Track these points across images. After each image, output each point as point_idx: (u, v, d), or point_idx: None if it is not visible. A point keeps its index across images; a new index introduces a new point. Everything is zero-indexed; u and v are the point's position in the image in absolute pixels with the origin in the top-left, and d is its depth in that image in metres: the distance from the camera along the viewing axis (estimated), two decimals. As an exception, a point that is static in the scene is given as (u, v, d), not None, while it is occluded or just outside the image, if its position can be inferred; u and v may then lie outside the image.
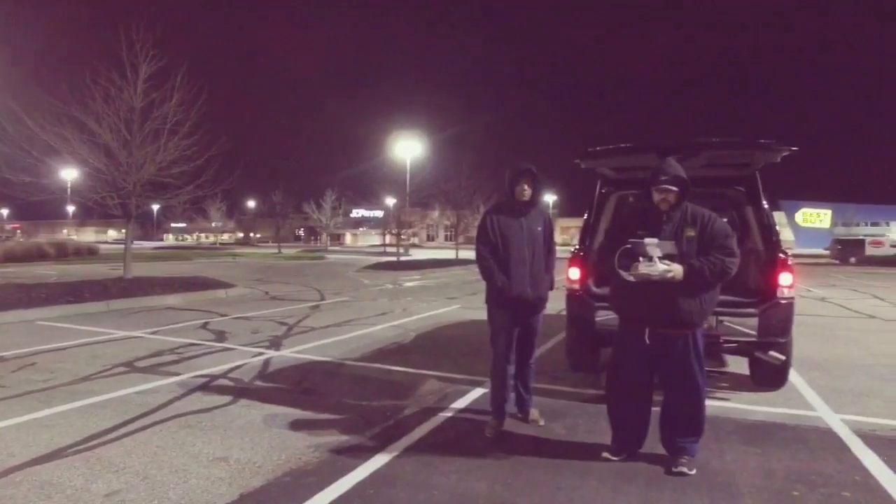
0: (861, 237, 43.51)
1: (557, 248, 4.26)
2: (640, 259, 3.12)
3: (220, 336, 7.48)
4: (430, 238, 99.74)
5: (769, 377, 4.81)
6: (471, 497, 2.88)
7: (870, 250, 38.50)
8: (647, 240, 3.13)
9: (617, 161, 5.18)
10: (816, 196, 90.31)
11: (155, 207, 51.99)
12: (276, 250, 40.93)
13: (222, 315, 9.44)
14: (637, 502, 2.83)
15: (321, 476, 3.09)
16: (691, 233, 3.18)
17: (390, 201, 47.70)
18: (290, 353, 6.39)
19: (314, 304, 11.32)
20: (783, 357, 4.46)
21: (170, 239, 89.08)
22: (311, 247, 57.64)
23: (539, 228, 3.93)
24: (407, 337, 7.66)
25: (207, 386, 4.98)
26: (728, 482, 3.07)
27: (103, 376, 5.29)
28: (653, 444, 3.39)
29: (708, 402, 3.45)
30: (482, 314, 4.28)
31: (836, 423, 4.12)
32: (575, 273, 4.90)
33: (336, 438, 3.66)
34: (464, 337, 7.75)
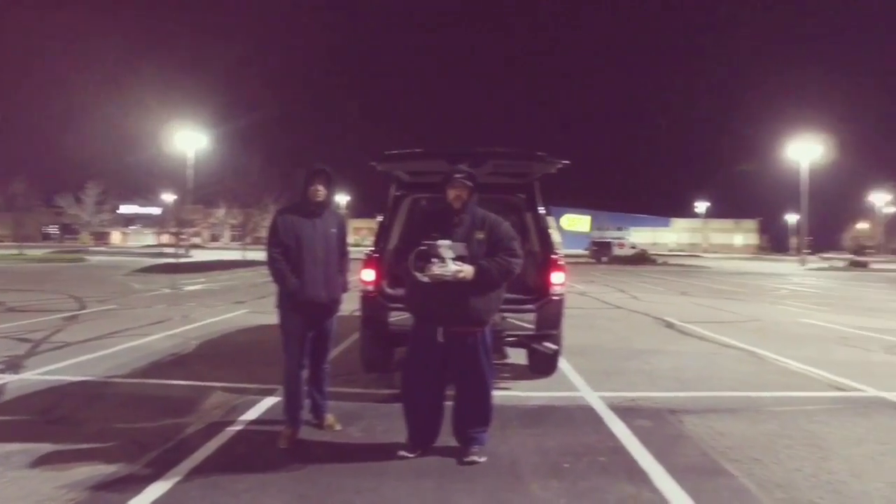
0: (609, 240, 51.60)
1: (349, 248, 4.23)
2: (434, 260, 3.24)
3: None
4: (214, 238, 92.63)
5: (544, 365, 5.39)
6: (265, 515, 2.70)
7: (616, 251, 45.87)
8: (440, 241, 3.26)
9: (411, 165, 5.33)
10: (578, 203, 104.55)
11: None
12: (16, 251, 34.13)
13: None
14: (434, 495, 2.93)
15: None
16: (480, 235, 3.40)
17: (169, 197, 43.10)
18: (35, 376, 5.33)
19: (70, 314, 9.67)
20: (556, 347, 5.04)
21: None
22: (68, 247, 49.28)
23: (333, 230, 3.86)
24: (188, 347, 6.95)
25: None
26: (513, 465, 3.35)
27: None
28: (445, 437, 3.54)
29: (493, 393, 3.72)
30: (271, 319, 4.08)
31: (594, 399, 4.76)
32: (369, 274, 4.92)
33: (99, 473, 3.13)
34: (252, 343, 7.29)
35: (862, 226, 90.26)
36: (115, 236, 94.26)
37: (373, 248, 5.25)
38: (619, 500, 2.89)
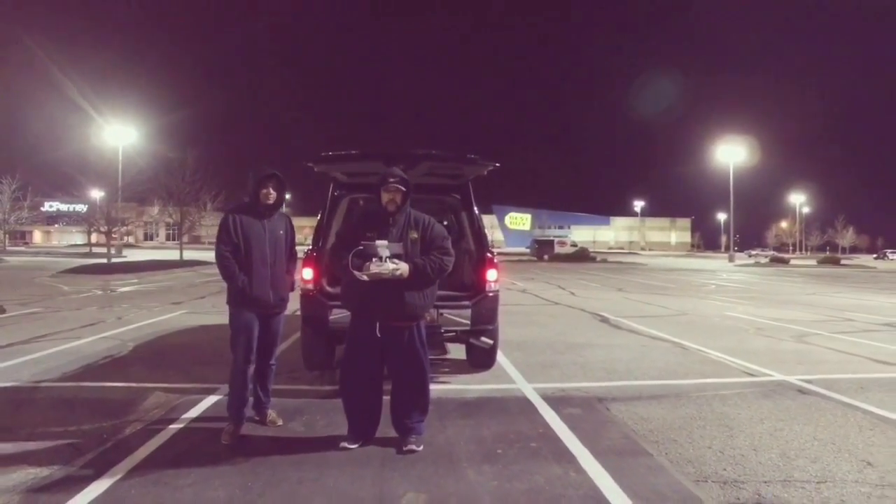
0: (552, 238, 52.88)
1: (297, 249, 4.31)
2: (372, 259, 3.38)
3: None
4: (148, 237, 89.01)
5: (482, 359, 5.61)
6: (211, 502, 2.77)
7: (558, 249, 47.10)
8: (377, 242, 3.41)
9: (347, 166, 5.44)
10: (521, 202, 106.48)
11: None
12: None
13: None
14: (373, 483, 3.07)
15: (15, 519, 2.61)
16: (414, 235, 3.57)
17: (97, 194, 40.65)
18: (-42, 381, 5.13)
19: (-8, 318, 9.20)
20: (491, 341, 5.26)
21: None
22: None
23: (281, 232, 3.95)
24: (124, 349, 6.79)
25: None
26: (449, 452, 3.53)
27: None
28: (384, 428, 3.69)
29: (432, 386, 3.89)
30: (211, 319, 4.15)
31: (529, 391, 5.01)
32: (308, 273, 4.99)
33: (33, 476, 3.09)
34: (192, 344, 7.20)
35: (784, 224, 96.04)
36: (37, 235, 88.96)
37: (312, 247, 5.33)
38: (548, 481, 3.12)
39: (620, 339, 7.96)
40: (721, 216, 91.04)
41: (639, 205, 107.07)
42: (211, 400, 4.53)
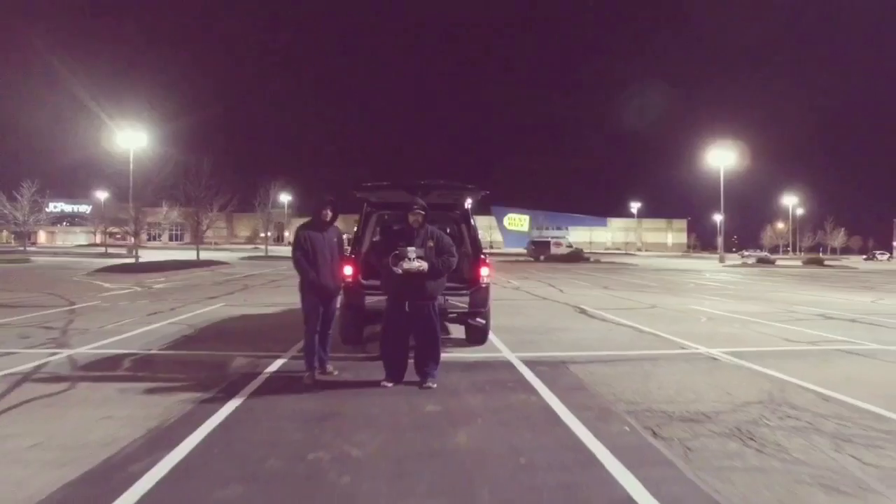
0: (548, 239, 54.66)
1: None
2: (404, 259, 5.16)
3: (-11, 342, 7.38)
4: (151, 238, 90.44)
5: (477, 337, 7.39)
6: (310, 410, 4.54)
7: (553, 249, 48.86)
8: (408, 248, 5.19)
9: (379, 194, 7.24)
10: (520, 204, 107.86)
11: None
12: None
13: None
14: (406, 402, 4.83)
15: (198, 416, 4.37)
16: (431, 244, 5.35)
17: (101, 195, 41.70)
18: (89, 350, 6.91)
19: (67, 308, 10.98)
20: (484, 321, 7.05)
21: None
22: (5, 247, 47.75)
23: (335, 240, 5.73)
24: (192, 330, 8.56)
25: (30, 379, 5.50)
26: (453, 388, 5.30)
27: None
28: (409, 376, 5.46)
29: (442, 355, 5.66)
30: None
31: (513, 358, 6.78)
32: (348, 270, 6.75)
33: (190, 397, 4.86)
34: (243, 328, 8.97)
35: (780, 225, 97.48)
36: (42, 236, 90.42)
37: (350, 251, 7.10)
38: (517, 400, 4.88)
39: (592, 326, 9.74)
40: (717, 217, 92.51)
41: (635, 206, 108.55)
42: (280, 362, 6.31)
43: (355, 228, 7.52)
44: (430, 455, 3.69)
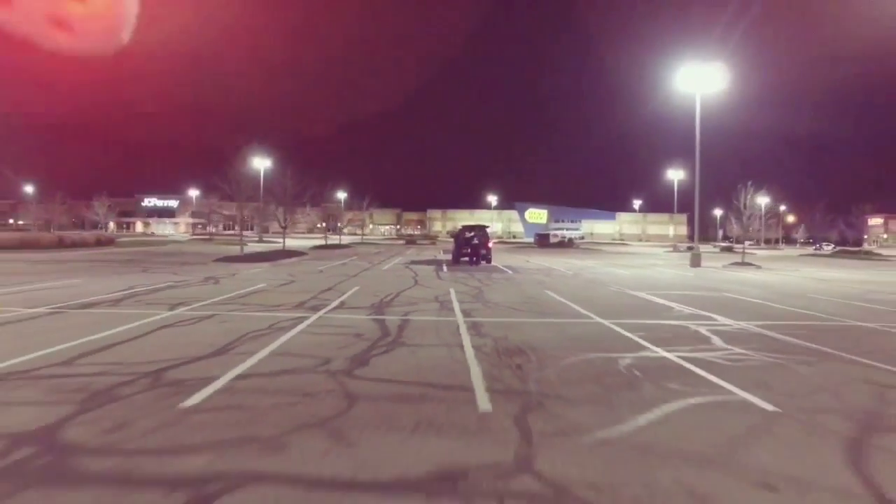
0: (548, 232, 70.44)
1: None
2: (473, 241, 21.21)
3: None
4: (226, 228, 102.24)
5: (489, 260, 23.75)
6: (460, 271, 20.13)
7: (551, 240, 64.55)
8: (474, 236, 21.30)
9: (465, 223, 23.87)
10: (540, 199, 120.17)
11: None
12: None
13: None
14: (462, 270, 20.35)
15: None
16: (481, 234, 22.02)
17: (193, 192, 47.77)
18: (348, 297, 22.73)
19: (282, 283, 26.65)
20: (490, 256, 23.43)
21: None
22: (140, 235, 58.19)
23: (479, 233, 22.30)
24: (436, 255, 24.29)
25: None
26: (474, 272, 20.65)
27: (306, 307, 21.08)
28: (466, 265, 21.24)
29: (468, 269, 21.33)
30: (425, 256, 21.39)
31: (500, 266, 22.33)
32: (454, 243, 23.11)
33: (319, 303, 20.52)
34: (432, 256, 24.67)
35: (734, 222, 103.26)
36: (139, 226, 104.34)
37: (454, 239, 23.40)
38: (499, 277, 20.14)
39: (532, 265, 25.12)
40: (717, 212, 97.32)
41: (637, 203, 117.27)
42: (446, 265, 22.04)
43: (455, 231, 23.72)
44: (469, 277, 19.20)
